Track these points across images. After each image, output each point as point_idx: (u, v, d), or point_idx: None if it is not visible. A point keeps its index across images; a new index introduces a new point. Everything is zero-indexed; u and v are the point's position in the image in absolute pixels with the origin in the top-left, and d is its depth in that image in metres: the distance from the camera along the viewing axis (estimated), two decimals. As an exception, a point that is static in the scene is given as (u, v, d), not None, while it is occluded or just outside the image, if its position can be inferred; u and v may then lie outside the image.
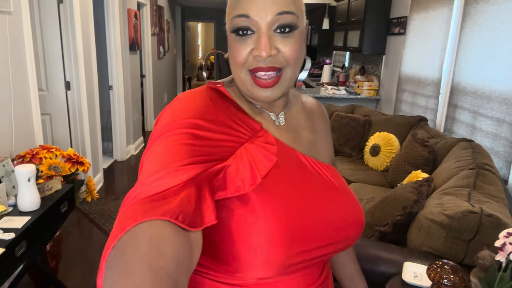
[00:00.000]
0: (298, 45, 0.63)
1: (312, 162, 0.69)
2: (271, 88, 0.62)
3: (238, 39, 0.61)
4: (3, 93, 2.20)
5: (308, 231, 0.61)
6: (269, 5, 0.59)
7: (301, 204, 0.62)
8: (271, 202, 0.59)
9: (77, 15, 3.13)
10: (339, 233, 0.66)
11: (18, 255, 1.51)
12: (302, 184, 0.65)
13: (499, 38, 2.67)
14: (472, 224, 1.43)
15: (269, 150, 0.62)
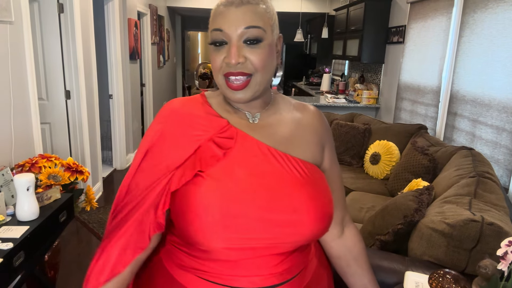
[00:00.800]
0: (266, 55, 0.74)
1: (277, 154, 0.76)
2: (242, 91, 0.74)
3: (215, 49, 0.75)
4: (3, 102, 2.20)
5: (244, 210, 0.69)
6: (238, 21, 0.71)
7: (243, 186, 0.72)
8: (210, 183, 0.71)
9: (78, 24, 3.15)
10: (283, 223, 0.71)
11: (16, 265, 1.50)
12: (253, 169, 0.74)
13: (497, 46, 2.68)
14: (473, 232, 1.42)
15: (224, 143, 0.74)
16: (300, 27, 6.50)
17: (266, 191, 0.72)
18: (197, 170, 0.72)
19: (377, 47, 4.66)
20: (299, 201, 0.73)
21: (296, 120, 0.84)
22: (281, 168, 0.75)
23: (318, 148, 0.84)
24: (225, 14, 0.73)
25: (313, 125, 0.85)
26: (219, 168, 0.73)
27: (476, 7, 2.94)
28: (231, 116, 0.80)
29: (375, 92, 4.86)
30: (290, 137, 0.81)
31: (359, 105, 4.85)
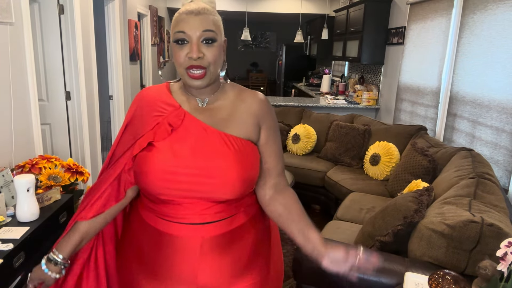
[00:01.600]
0: (217, 52, 0.97)
1: (214, 131, 0.99)
2: (200, 80, 0.96)
3: (178, 46, 0.95)
4: (4, 103, 2.21)
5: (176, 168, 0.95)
6: (198, 26, 0.93)
7: (178, 151, 0.97)
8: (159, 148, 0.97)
9: (78, 25, 3.15)
10: (208, 180, 0.96)
11: (16, 266, 1.50)
12: (190, 142, 0.98)
13: (496, 47, 2.69)
14: (473, 233, 1.42)
15: (173, 122, 0.99)
16: (300, 28, 6.51)
17: (198, 158, 0.96)
18: (149, 141, 0.98)
19: (377, 48, 4.67)
20: (225, 167, 0.96)
21: (237, 105, 1.05)
22: (215, 142, 0.98)
23: (254, 127, 1.04)
24: (186, 20, 0.94)
25: (252, 109, 1.05)
26: (167, 140, 0.98)
27: (476, 8, 2.94)
28: (185, 101, 1.04)
29: (375, 93, 4.87)
30: (229, 118, 1.03)
31: (359, 106, 4.85)
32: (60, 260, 1.04)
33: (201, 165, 0.96)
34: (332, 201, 3.34)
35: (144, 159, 0.98)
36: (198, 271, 0.99)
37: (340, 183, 3.17)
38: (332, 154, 3.66)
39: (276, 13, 7.40)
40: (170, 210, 1.00)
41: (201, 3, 0.97)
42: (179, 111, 1.01)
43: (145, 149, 0.98)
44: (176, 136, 0.99)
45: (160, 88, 1.09)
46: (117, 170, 1.04)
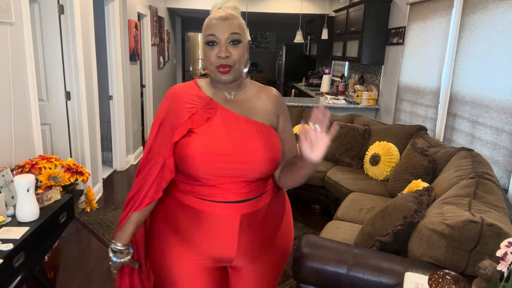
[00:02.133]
0: (242, 52, 1.12)
1: (243, 119, 1.15)
2: (226, 74, 1.12)
3: (209, 47, 1.11)
4: (4, 103, 2.21)
5: (216, 150, 1.10)
6: (225, 28, 1.09)
7: (216, 136, 1.11)
8: (199, 134, 1.11)
9: (78, 25, 3.15)
10: (242, 159, 1.10)
11: (16, 266, 1.50)
12: (225, 128, 1.13)
13: (496, 48, 2.69)
14: (473, 233, 1.42)
15: (208, 112, 1.14)
16: (300, 28, 6.51)
17: (232, 140, 1.11)
18: (189, 128, 1.12)
19: (376, 48, 4.67)
20: (255, 149, 1.12)
21: (259, 97, 1.23)
22: (245, 127, 1.14)
23: (274, 117, 1.22)
24: (216, 24, 1.10)
25: (271, 101, 1.23)
26: (204, 128, 1.12)
27: (476, 8, 2.94)
28: (214, 94, 1.19)
29: (374, 93, 4.87)
30: (253, 108, 1.20)
31: (358, 106, 4.86)
32: (123, 248, 1.21)
33: (235, 148, 1.11)
34: (332, 201, 3.34)
35: (186, 144, 1.10)
36: (238, 242, 1.15)
37: (340, 183, 3.17)
38: (332, 154, 3.66)
39: (276, 13, 7.40)
40: (209, 190, 1.13)
41: (228, 10, 1.13)
42: (212, 103, 1.16)
43: (185, 136, 1.11)
44: (211, 124, 1.13)
45: (189, 84, 1.22)
46: (161, 160, 1.14)
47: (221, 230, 1.14)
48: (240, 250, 1.17)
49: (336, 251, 1.62)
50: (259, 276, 1.25)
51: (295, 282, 1.76)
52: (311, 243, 1.68)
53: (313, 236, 1.75)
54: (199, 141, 1.10)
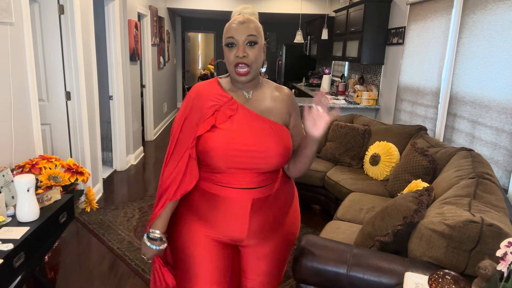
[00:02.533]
0: (258, 53, 1.24)
1: (260, 117, 1.28)
2: (244, 76, 1.24)
3: (228, 49, 1.24)
4: (4, 103, 2.21)
5: (236, 146, 1.22)
6: (243, 31, 1.22)
7: (237, 133, 1.24)
8: (221, 130, 1.24)
9: (78, 25, 3.15)
10: (258, 154, 1.24)
11: (16, 266, 1.50)
12: (245, 126, 1.25)
13: (496, 47, 2.69)
14: (473, 233, 1.42)
15: (230, 110, 1.26)
16: (300, 28, 6.51)
17: (251, 137, 1.24)
18: (212, 124, 1.24)
19: (376, 48, 4.67)
20: (269, 145, 1.25)
21: (274, 97, 1.34)
22: (262, 125, 1.27)
23: (286, 115, 1.35)
24: (235, 28, 1.23)
25: (285, 101, 1.35)
26: (226, 124, 1.25)
27: (476, 8, 2.94)
28: (234, 93, 1.31)
29: (374, 93, 4.87)
30: (269, 107, 1.31)
31: (358, 106, 4.86)
32: (160, 236, 1.30)
33: (252, 144, 1.24)
34: (332, 201, 3.34)
35: (210, 138, 1.23)
36: (249, 223, 1.30)
37: (340, 183, 3.17)
38: (332, 154, 3.66)
39: (276, 13, 7.40)
40: (226, 178, 1.27)
41: (246, 15, 1.26)
42: (233, 102, 1.28)
43: (209, 131, 1.24)
44: (233, 121, 1.26)
45: (212, 83, 1.33)
46: (188, 151, 1.26)
47: (234, 212, 1.29)
48: (250, 231, 1.30)
49: (336, 251, 1.62)
50: (267, 255, 1.38)
51: (295, 282, 1.76)
52: (311, 243, 1.68)
53: (313, 236, 1.75)
54: (222, 136, 1.23)
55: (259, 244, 1.35)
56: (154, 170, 4.81)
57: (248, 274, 1.40)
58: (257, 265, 1.38)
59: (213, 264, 1.30)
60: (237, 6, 1.34)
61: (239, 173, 1.26)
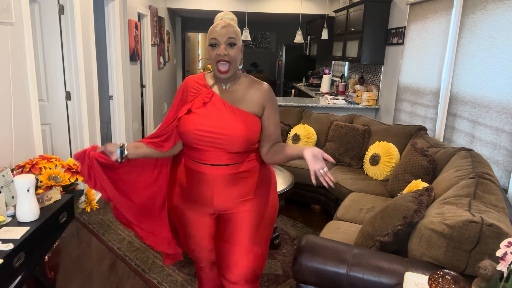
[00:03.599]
0: (237, 52, 1.47)
1: (230, 106, 1.50)
2: (225, 74, 1.48)
3: (211, 48, 1.47)
4: (4, 103, 2.21)
5: (203, 127, 1.46)
6: (224, 34, 1.44)
7: (205, 117, 1.48)
8: (195, 114, 1.49)
9: (78, 25, 3.15)
10: (223, 136, 1.46)
11: (16, 266, 1.50)
12: (214, 111, 1.49)
13: (496, 48, 2.69)
14: (473, 233, 1.42)
15: (206, 98, 1.51)
16: (300, 28, 6.51)
17: (218, 122, 1.47)
18: (188, 108, 1.50)
19: (376, 48, 4.67)
20: (233, 129, 1.46)
21: (248, 90, 1.54)
22: (229, 112, 1.48)
23: (258, 106, 1.53)
24: (217, 31, 1.45)
25: (259, 94, 1.53)
26: (200, 110, 1.50)
27: (476, 8, 2.95)
28: (215, 85, 1.56)
29: (374, 93, 4.87)
30: (241, 98, 1.52)
31: (358, 106, 4.86)
32: (126, 155, 1.54)
33: (218, 126, 1.46)
34: (332, 201, 3.34)
35: (186, 120, 1.49)
36: (214, 196, 1.53)
37: (340, 183, 3.17)
38: (332, 154, 3.66)
39: (276, 13, 7.40)
40: (200, 155, 1.51)
41: (227, 20, 1.48)
42: (209, 91, 1.52)
43: (186, 114, 1.49)
44: (206, 107, 1.49)
45: (199, 75, 1.61)
46: (174, 124, 1.53)
47: (207, 184, 1.52)
48: (220, 201, 1.54)
49: (336, 251, 1.63)
50: (242, 222, 1.56)
51: (295, 282, 1.76)
52: (311, 243, 1.68)
53: (313, 236, 1.75)
54: (194, 119, 1.47)
55: (234, 212, 1.55)
56: (154, 170, 4.81)
57: (228, 242, 1.57)
58: (234, 232, 1.56)
59: (200, 228, 1.62)
60: (220, 12, 1.55)
61: (210, 152, 1.48)
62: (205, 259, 1.70)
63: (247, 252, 1.54)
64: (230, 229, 1.56)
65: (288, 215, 3.51)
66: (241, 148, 1.48)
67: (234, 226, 1.55)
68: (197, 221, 1.60)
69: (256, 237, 1.56)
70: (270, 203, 1.63)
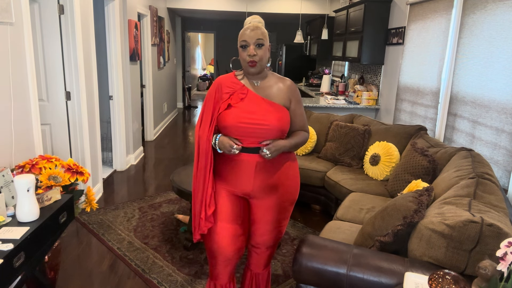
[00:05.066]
0: (264, 52, 1.66)
1: (265, 100, 1.69)
2: (254, 68, 1.66)
3: (242, 49, 1.66)
4: (4, 103, 2.21)
5: (244, 120, 1.64)
6: (253, 36, 1.63)
7: (245, 111, 1.65)
8: (235, 108, 1.67)
9: (78, 25, 3.15)
10: (261, 127, 1.64)
11: (16, 266, 1.50)
12: (252, 105, 1.67)
13: (496, 48, 2.69)
14: (473, 233, 1.42)
15: (242, 94, 1.69)
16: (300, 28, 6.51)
17: (256, 114, 1.65)
18: (229, 103, 1.68)
19: (376, 48, 4.67)
20: (269, 119, 1.65)
21: (277, 85, 1.75)
22: (265, 105, 1.67)
23: (287, 99, 1.74)
24: (247, 33, 1.64)
25: (286, 88, 1.75)
26: (239, 104, 1.67)
27: (476, 8, 2.95)
28: (246, 82, 1.74)
29: (374, 93, 4.87)
30: (272, 92, 1.72)
31: (358, 106, 4.86)
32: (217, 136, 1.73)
33: (257, 118, 1.65)
34: (332, 201, 3.34)
35: (227, 114, 1.66)
36: (254, 179, 1.71)
37: (340, 183, 3.17)
38: (332, 154, 3.66)
39: (276, 13, 7.40)
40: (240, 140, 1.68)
41: (255, 23, 1.67)
42: (244, 88, 1.70)
43: (226, 109, 1.67)
44: (243, 102, 1.68)
45: (230, 75, 1.77)
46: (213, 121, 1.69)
47: (243, 170, 1.70)
48: (255, 186, 1.72)
49: (336, 251, 1.62)
50: (270, 207, 1.77)
51: (295, 282, 1.76)
52: (311, 243, 1.68)
53: (313, 236, 1.75)
54: (235, 113, 1.65)
55: (263, 198, 1.75)
56: (154, 170, 4.81)
57: (257, 222, 1.80)
58: (262, 215, 1.78)
59: (228, 209, 1.74)
60: (249, 17, 1.74)
61: (248, 141, 1.66)
62: (223, 254, 1.75)
63: (271, 230, 1.81)
64: (259, 213, 1.78)
65: (288, 215, 3.51)
66: (276, 136, 1.67)
67: (263, 210, 1.77)
68: (231, 204, 1.75)
69: (280, 217, 1.81)
70: (294, 188, 1.83)
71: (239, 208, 1.77)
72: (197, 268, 2.61)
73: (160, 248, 2.86)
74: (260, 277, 1.93)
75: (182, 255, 2.78)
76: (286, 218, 1.86)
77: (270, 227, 1.81)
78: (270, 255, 1.91)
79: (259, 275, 1.92)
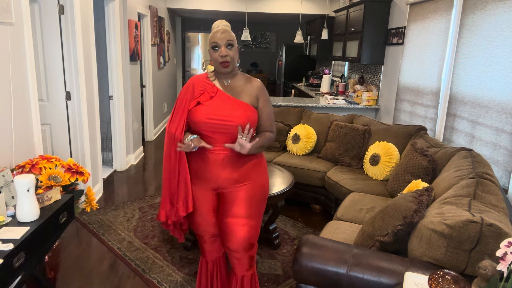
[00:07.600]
0: (235, 53, 1.76)
1: (232, 98, 1.77)
2: (227, 68, 1.75)
3: (214, 51, 1.75)
4: (4, 103, 2.21)
5: (212, 116, 1.74)
6: (224, 38, 1.73)
7: (214, 108, 1.75)
8: (204, 106, 1.76)
9: (78, 25, 3.15)
10: (228, 124, 1.72)
11: (17, 266, 1.50)
12: (220, 102, 1.76)
13: (496, 48, 2.69)
14: (473, 233, 1.42)
15: (212, 92, 1.78)
16: (300, 28, 6.51)
17: (224, 111, 1.74)
18: (198, 101, 1.76)
19: (376, 48, 4.67)
20: (236, 117, 1.73)
21: (245, 85, 1.83)
22: (233, 104, 1.76)
23: (254, 98, 1.82)
24: (218, 36, 1.73)
25: (254, 88, 1.83)
26: (208, 102, 1.76)
27: (475, 8, 2.95)
28: (217, 81, 1.83)
29: (374, 93, 4.87)
30: (241, 92, 1.80)
31: (358, 106, 4.86)
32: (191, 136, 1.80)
33: (224, 115, 1.73)
34: (332, 201, 3.34)
35: (196, 111, 1.75)
36: (220, 175, 1.81)
37: (340, 183, 3.17)
38: (332, 154, 3.66)
39: (276, 13, 7.40)
40: (207, 140, 1.77)
41: (223, 27, 1.77)
42: (214, 87, 1.80)
43: (195, 106, 1.75)
44: (213, 100, 1.76)
45: (202, 75, 1.87)
46: (183, 116, 1.78)
47: (211, 166, 1.81)
48: (222, 178, 1.81)
49: (336, 251, 1.63)
50: (238, 199, 1.84)
51: (295, 282, 1.76)
52: (311, 243, 1.68)
53: (313, 236, 1.75)
54: (204, 110, 1.74)
55: (231, 191, 1.83)
56: (154, 170, 4.81)
57: (227, 215, 1.85)
58: (231, 205, 1.84)
59: (204, 203, 1.87)
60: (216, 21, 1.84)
61: (215, 136, 1.76)
62: (208, 232, 1.92)
63: (243, 224, 1.83)
64: (229, 205, 1.84)
65: (288, 215, 3.51)
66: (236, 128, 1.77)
67: (232, 202, 1.84)
68: (203, 196, 1.86)
69: (250, 211, 1.85)
70: (262, 184, 1.91)
71: (214, 201, 1.89)
72: (197, 268, 2.61)
73: (160, 248, 2.87)
74: (245, 279, 1.94)
75: (182, 255, 2.78)
76: (257, 215, 1.89)
77: (240, 221, 1.84)
78: (251, 257, 1.92)
79: (244, 278, 1.93)
